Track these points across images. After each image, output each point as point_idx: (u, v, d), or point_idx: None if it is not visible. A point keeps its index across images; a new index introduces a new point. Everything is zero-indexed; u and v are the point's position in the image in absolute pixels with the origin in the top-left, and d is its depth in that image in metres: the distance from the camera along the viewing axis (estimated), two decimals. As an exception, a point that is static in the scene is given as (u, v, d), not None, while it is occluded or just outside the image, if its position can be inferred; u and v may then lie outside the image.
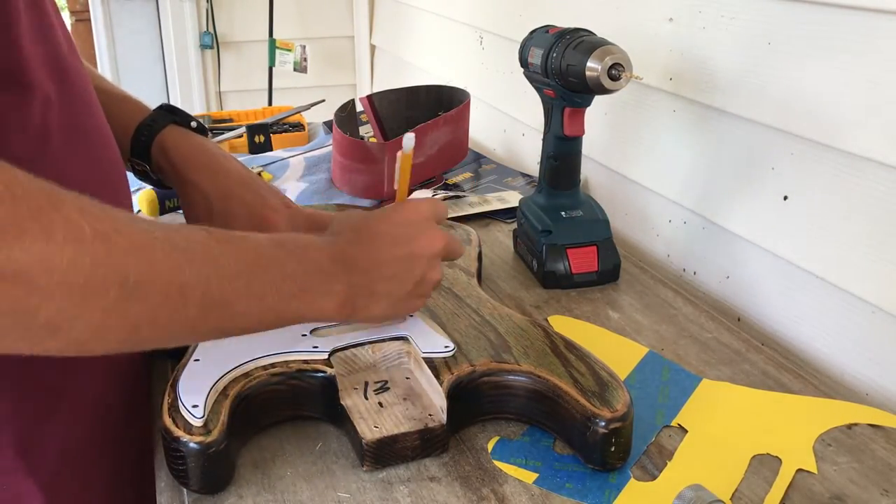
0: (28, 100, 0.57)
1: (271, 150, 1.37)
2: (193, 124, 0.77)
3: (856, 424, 0.67)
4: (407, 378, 0.67)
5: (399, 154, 0.69)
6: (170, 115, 0.76)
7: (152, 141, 0.74)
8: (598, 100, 0.88)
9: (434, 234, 0.63)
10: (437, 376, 0.63)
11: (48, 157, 0.59)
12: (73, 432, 0.63)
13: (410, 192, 1.14)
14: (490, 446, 0.63)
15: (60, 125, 0.61)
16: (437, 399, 0.63)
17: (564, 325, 0.83)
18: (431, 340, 0.67)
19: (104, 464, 0.67)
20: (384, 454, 0.60)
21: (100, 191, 0.48)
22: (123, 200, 0.71)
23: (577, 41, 0.84)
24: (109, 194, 0.65)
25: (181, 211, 0.79)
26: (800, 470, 0.61)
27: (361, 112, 1.35)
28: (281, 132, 1.49)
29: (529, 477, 0.60)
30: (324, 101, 1.56)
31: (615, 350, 0.78)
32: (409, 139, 0.67)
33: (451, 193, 1.18)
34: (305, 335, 0.67)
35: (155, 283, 0.47)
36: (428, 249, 0.62)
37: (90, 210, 0.45)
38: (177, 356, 0.65)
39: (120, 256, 0.45)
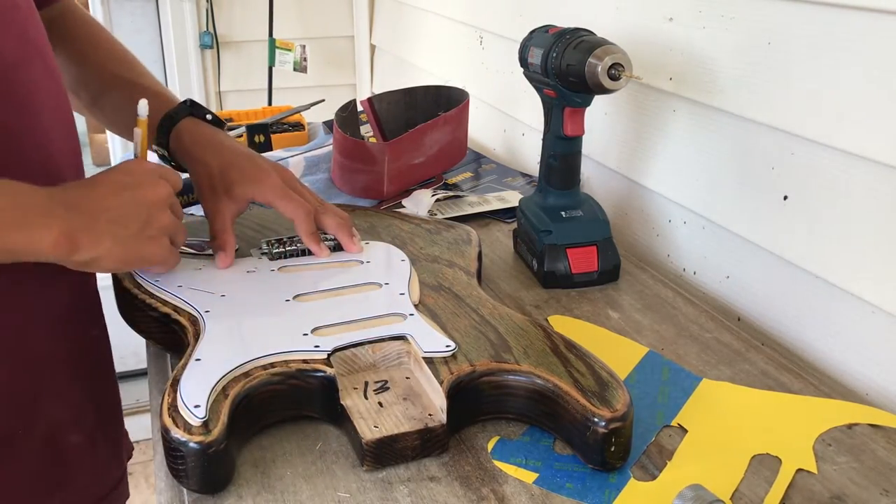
0: None
1: (271, 149, 1.37)
2: (209, 117, 0.86)
3: (856, 424, 0.67)
4: (407, 378, 0.67)
5: (137, 119, 0.76)
6: (188, 108, 0.85)
7: (171, 130, 0.84)
8: (598, 100, 0.88)
9: (159, 185, 0.68)
10: (437, 376, 0.63)
11: None
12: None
13: (402, 194, 1.14)
14: (490, 446, 0.63)
15: None
16: (436, 399, 0.63)
17: (564, 325, 0.83)
18: (432, 340, 0.67)
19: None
20: (384, 454, 0.60)
21: None
22: None
23: (577, 41, 0.84)
24: None
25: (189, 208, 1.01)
26: (800, 470, 0.61)
27: (362, 112, 1.35)
28: (281, 132, 1.48)
29: (529, 477, 0.60)
30: (324, 100, 1.56)
31: (615, 350, 0.78)
32: (142, 105, 0.75)
33: (450, 193, 1.18)
34: (306, 334, 0.67)
35: None
36: (151, 196, 0.67)
37: None
38: (177, 354, 0.65)
39: None
